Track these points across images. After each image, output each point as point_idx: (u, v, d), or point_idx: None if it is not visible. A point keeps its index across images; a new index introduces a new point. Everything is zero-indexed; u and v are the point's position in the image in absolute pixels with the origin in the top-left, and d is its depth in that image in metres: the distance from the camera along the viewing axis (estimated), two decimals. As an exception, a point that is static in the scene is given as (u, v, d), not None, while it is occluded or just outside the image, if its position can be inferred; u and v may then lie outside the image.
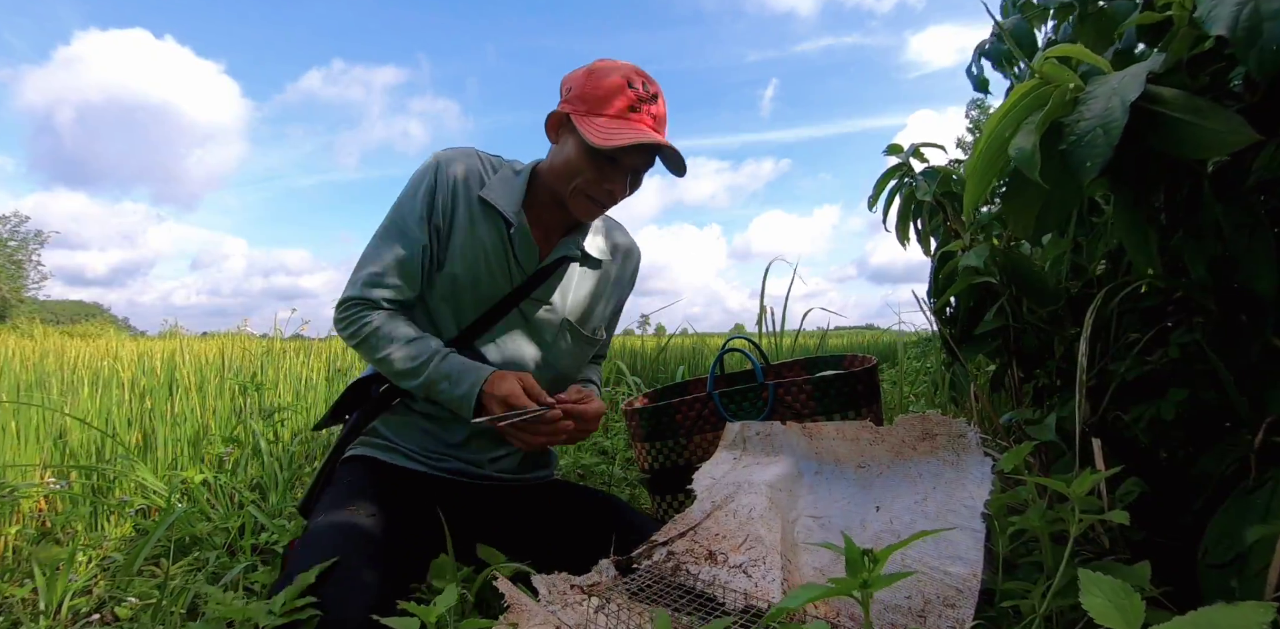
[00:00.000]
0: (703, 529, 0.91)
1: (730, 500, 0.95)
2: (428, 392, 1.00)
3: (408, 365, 0.99)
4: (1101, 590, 0.36)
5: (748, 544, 0.86)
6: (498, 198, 1.05)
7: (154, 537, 1.32)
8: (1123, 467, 0.74)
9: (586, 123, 0.96)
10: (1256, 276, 0.65)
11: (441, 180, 1.04)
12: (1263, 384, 0.73)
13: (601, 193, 1.02)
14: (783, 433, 1.03)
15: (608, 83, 0.98)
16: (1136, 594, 0.35)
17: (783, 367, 1.53)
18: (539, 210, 1.09)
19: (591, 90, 0.98)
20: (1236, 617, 0.32)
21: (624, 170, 1.01)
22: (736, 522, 0.91)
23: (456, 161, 1.06)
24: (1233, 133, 0.56)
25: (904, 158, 1.44)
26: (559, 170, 1.02)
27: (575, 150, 0.99)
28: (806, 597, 0.43)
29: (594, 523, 1.05)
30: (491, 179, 1.07)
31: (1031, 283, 1.09)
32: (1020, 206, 0.76)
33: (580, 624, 0.74)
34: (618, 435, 2.47)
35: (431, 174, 1.05)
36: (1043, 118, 0.64)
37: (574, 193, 1.02)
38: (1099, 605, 0.35)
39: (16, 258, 33.46)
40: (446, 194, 1.04)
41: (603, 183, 1.01)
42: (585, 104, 0.98)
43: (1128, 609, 0.35)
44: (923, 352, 3.77)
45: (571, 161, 1.00)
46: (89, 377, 3.01)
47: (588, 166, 0.99)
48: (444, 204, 1.04)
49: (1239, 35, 0.54)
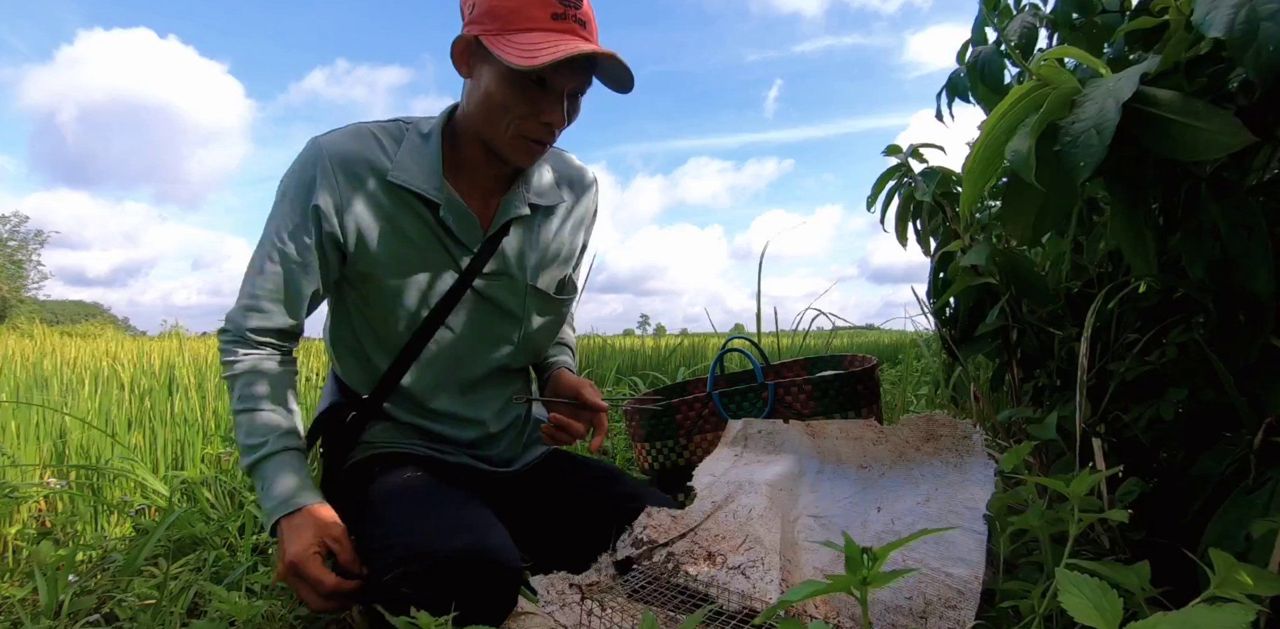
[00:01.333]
0: (702, 530, 0.91)
1: (730, 500, 0.95)
2: (247, 474, 0.89)
3: (244, 441, 0.87)
4: (1080, 590, 0.36)
5: (746, 545, 0.86)
6: (411, 178, 0.87)
7: (154, 537, 1.32)
8: (1123, 466, 0.74)
9: (502, 43, 0.78)
10: (1254, 277, 0.65)
11: (327, 180, 0.85)
12: (1263, 384, 0.73)
13: (537, 128, 0.84)
14: (785, 431, 1.03)
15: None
16: (1115, 593, 0.36)
17: (783, 367, 1.54)
18: (469, 171, 0.91)
19: (501, 1, 0.79)
20: (1218, 617, 0.32)
21: (558, 95, 0.83)
22: (736, 522, 0.91)
23: (344, 148, 0.86)
24: (1228, 134, 0.56)
25: (903, 158, 1.44)
26: (481, 110, 0.84)
27: (494, 80, 0.81)
28: (805, 593, 0.44)
29: (594, 496, 0.99)
30: (397, 154, 0.88)
31: (1031, 283, 1.09)
32: (1018, 208, 0.76)
33: (576, 625, 0.74)
34: (618, 435, 2.47)
35: (311, 171, 0.86)
36: (1039, 120, 0.64)
37: (506, 134, 0.84)
38: (1078, 604, 0.36)
39: (16, 258, 33.47)
40: (339, 196, 0.86)
41: (537, 115, 0.83)
42: (497, 20, 0.79)
43: (1106, 608, 0.35)
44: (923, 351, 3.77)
45: (493, 95, 0.82)
46: (89, 377, 3.01)
47: (513, 97, 0.81)
48: (339, 210, 0.86)
49: (1236, 37, 0.54)
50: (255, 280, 0.89)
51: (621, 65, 0.82)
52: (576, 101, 0.87)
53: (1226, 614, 0.32)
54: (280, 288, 0.88)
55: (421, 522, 0.78)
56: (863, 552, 0.45)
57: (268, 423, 0.88)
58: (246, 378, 0.89)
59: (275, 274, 0.88)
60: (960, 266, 1.15)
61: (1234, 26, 0.54)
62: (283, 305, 0.89)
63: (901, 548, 0.48)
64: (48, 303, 39.30)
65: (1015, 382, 1.22)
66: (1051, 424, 0.94)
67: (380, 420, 1.01)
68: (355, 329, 0.97)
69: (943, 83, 1.34)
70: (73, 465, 1.91)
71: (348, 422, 0.99)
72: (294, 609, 1.21)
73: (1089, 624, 0.34)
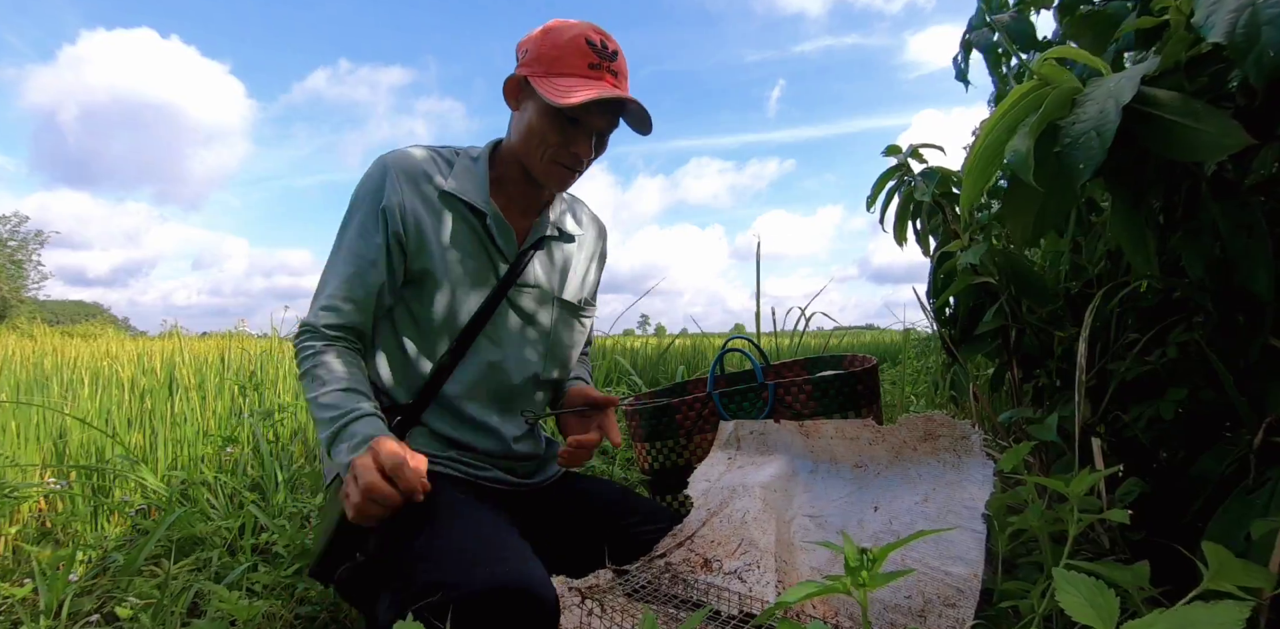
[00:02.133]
0: (698, 537, 0.91)
1: (725, 506, 0.95)
2: (329, 451, 0.90)
3: (322, 415, 0.90)
4: (1078, 589, 0.37)
5: (742, 549, 0.86)
6: (464, 190, 1.00)
7: (154, 537, 1.32)
8: (1123, 467, 0.74)
9: (545, 84, 0.92)
10: (1254, 277, 0.65)
11: (393, 186, 0.98)
12: (1262, 384, 0.73)
13: (568, 157, 0.98)
14: (777, 431, 1.03)
15: (564, 42, 0.94)
16: (1111, 592, 0.36)
17: (783, 367, 1.54)
18: (509, 192, 1.05)
19: (548, 50, 0.94)
20: (1214, 614, 0.33)
21: (588, 131, 0.97)
22: (731, 527, 0.91)
23: (407, 162, 1.00)
24: (1227, 136, 0.56)
25: (902, 159, 1.44)
26: (522, 139, 0.99)
27: (536, 114, 0.95)
28: (803, 594, 0.44)
29: (609, 517, 1.03)
30: (451, 172, 1.02)
31: (1030, 283, 1.09)
32: (1018, 208, 0.76)
33: (576, 628, 0.74)
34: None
35: (380, 180, 0.98)
36: (1038, 120, 0.64)
37: (541, 161, 0.98)
38: (1075, 603, 0.36)
39: (16, 258, 33.48)
40: (403, 199, 0.97)
41: (568, 146, 0.97)
42: (543, 65, 0.94)
43: (1103, 606, 0.36)
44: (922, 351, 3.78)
45: (533, 127, 0.96)
46: (89, 377, 3.01)
47: (550, 130, 0.95)
48: (403, 211, 0.97)
49: (1237, 41, 0.54)
50: (330, 282, 0.98)
51: (643, 110, 0.96)
52: (604, 140, 1.01)
53: (1221, 611, 0.33)
54: (354, 287, 0.96)
55: (459, 551, 0.77)
56: (861, 552, 0.45)
57: (346, 396, 0.92)
58: (322, 363, 0.94)
59: (349, 274, 0.96)
60: (960, 266, 1.15)
61: (1235, 31, 0.54)
62: (355, 304, 0.97)
63: (900, 547, 0.48)
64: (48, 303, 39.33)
65: (1015, 382, 1.22)
66: (1051, 424, 0.94)
67: (418, 427, 1.03)
68: (400, 332, 1.02)
69: (945, 83, 1.36)
70: (73, 465, 1.91)
71: (391, 428, 0.99)
72: (294, 609, 1.21)
73: (1086, 623, 0.35)
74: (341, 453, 0.86)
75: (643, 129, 1.01)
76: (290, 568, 1.30)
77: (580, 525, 1.03)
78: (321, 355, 0.95)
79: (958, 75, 1.43)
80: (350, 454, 0.84)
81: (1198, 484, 0.79)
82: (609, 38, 0.96)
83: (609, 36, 0.96)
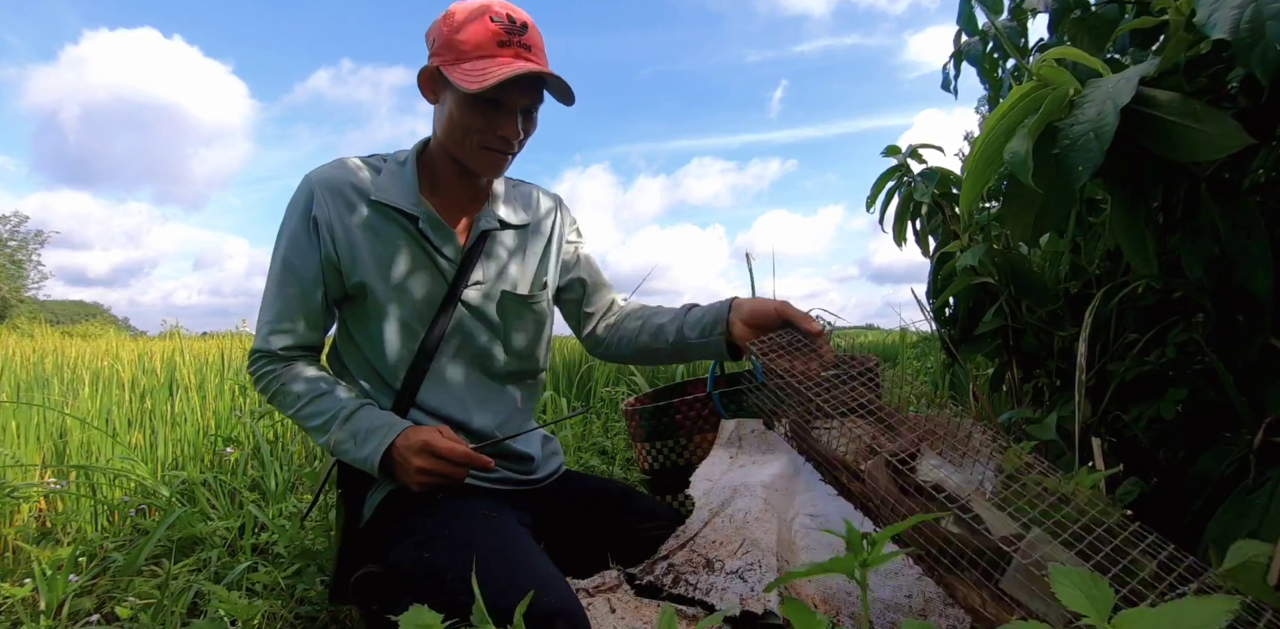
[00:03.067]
0: (700, 537, 0.92)
1: (727, 505, 0.95)
2: (334, 452, 0.93)
3: (314, 423, 0.93)
4: (1073, 581, 0.38)
5: (744, 549, 0.87)
6: (392, 196, 0.97)
7: (154, 536, 1.32)
8: (1123, 466, 0.74)
9: (456, 71, 0.89)
10: (1253, 277, 0.65)
11: (321, 201, 0.95)
12: (1262, 384, 0.73)
13: (496, 141, 0.94)
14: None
15: (467, 22, 0.90)
16: (1106, 584, 0.37)
17: (782, 367, 1.54)
18: (444, 190, 1.02)
19: (452, 34, 0.90)
20: (1202, 609, 0.34)
21: (511, 111, 0.93)
22: (733, 527, 0.91)
23: (331, 176, 0.97)
24: (1226, 136, 0.56)
25: (901, 159, 1.44)
26: (446, 131, 0.95)
27: (455, 104, 0.92)
28: (805, 573, 0.45)
29: (609, 514, 1.03)
30: (378, 179, 0.99)
31: (1030, 283, 1.09)
32: (1018, 208, 0.76)
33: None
34: (618, 435, 2.47)
35: (305, 198, 0.96)
36: (1037, 121, 0.64)
37: (470, 149, 0.95)
38: (1070, 595, 0.37)
39: (16, 258, 33.48)
40: (329, 215, 0.95)
41: (494, 130, 0.93)
42: (451, 52, 0.90)
43: (1097, 597, 0.36)
44: (922, 352, 3.78)
45: (455, 117, 0.93)
46: (89, 377, 3.01)
47: (472, 117, 0.91)
48: (331, 228, 0.95)
49: (1242, 38, 0.54)
50: (273, 306, 0.97)
51: (561, 81, 0.92)
52: (531, 116, 0.97)
53: (1212, 604, 0.34)
54: (299, 305, 0.96)
55: (506, 575, 0.76)
56: (862, 537, 0.46)
57: (334, 400, 0.94)
58: (291, 380, 0.95)
59: (291, 295, 0.96)
60: (959, 267, 1.15)
61: (1239, 27, 0.54)
62: (304, 321, 0.97)
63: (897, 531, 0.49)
64: (48, 303, 39.31)
65: (1015, 382, 1.22)
66: (1051, 424, 0.94)
67: None
68: (364, 350, 1.01)
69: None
70: (73, 465, 1.91)
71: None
72: (294, 609, 1.21)
73: (1076, 610, 0.36)
74: (364, 440, 0.88)
75: (566, 100, 0.96)
76: (290, 568, 1.30)
77: (583, 523, 1.03)
78: (286, 373, 0.96)
79: (944, 84, 1.44)
80: (382, 441, 0.88)
81: (1198, 484, 0.79)
82: (515, 9, 0.92)
83: (515, 9, 0.92)
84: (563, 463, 1.18)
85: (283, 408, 0.96)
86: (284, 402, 0.95)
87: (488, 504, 0.93)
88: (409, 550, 0.84)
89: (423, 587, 0.79)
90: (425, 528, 0.87)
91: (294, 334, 0.96)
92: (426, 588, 0.78)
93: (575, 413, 1.09)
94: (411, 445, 0.87)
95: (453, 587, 0.75)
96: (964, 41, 1.40)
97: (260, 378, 0.97)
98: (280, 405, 0.96)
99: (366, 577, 0.89)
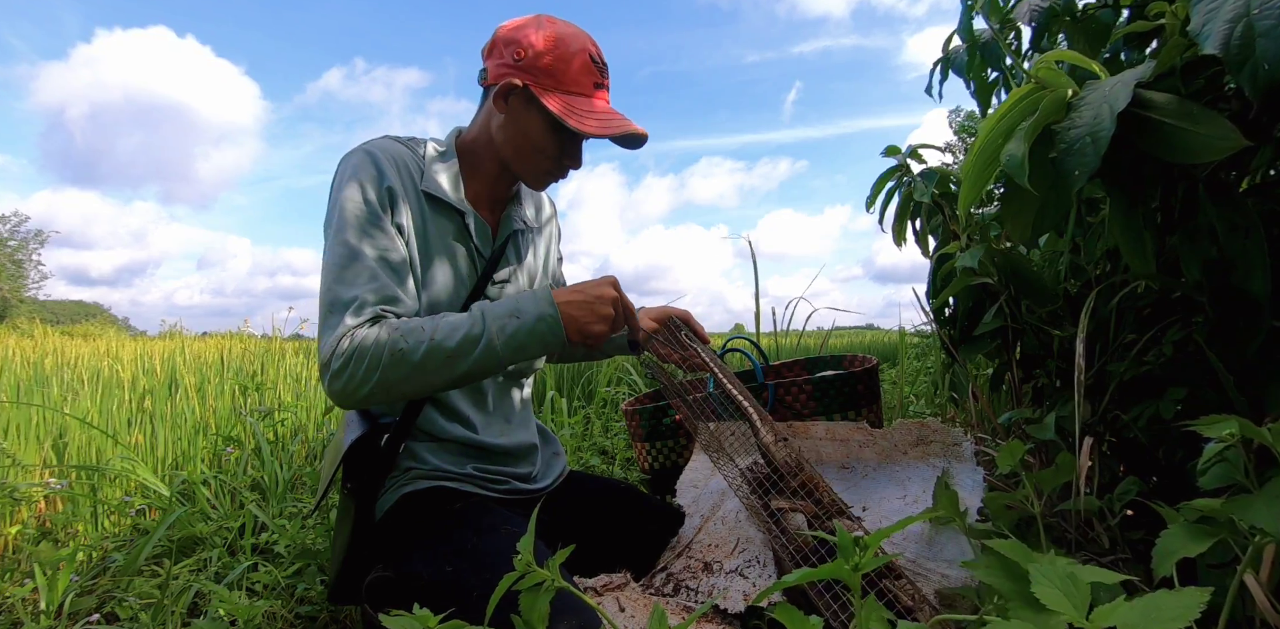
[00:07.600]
0: (695, 544, 0.92)
1: (717, 509, 0.95)
2: (503, 344, 0.83)
3: (456, 337, 0.81)
4: (1051, 580, 0.39)
5: (740, 547, 0.87)
6: (443, 189, 0.95)
7: (154, 536, 1.32)
8: (1122, 466, 0.74)
9: (558, 102, 0.90)
10: (1251, 278, 0.65)
11: (387, 173, 0.91)
12: (1262, 384, 0.73)
13: (562, 169, 0.99)
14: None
15: (571, 56, 0.91)
16: (1084, 582, 0.38)
17: (783, 367, 1.54)
18: (477, 187, 1.02)
19: (555, 64, 0.90)
20: (1177, 600, 0.35)
21: (580, 145, 0.99)
22: (726, 528, 0.91)
23: (397, 153, 0.94)
24: (1222, 138, 0.56)
25: (901, 159, 1.44)
26: (515, 145, 0.96)
27: (539, 127, 0.93)
28: (798, 578, 0.45)
29: (617, 516, 1.04)
30: (425, 167, 0.97)
31: (1030, 283, 1.09)
32: (1017, 210, 0.76)
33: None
34: (618, 435, 2.47)
35: (372, 167, 0.90)
36: (1033, 124, 0.64)
37: (535, 168, 0.98)
38: (1049, 594, 0.38)
39: (17, 257, 33.49)
40: (400, 188, 0.92)
41: (565, 157, 0.98)
42: (551, 79, 0.91)
43: (1075, 595, 0.37)
44: (922, 352, 3.78)
45: (533, 138, 0.94)
46: (89, 377, 3.01)
47: (553, 144, 0.94)
48: (406, 199, 0.92)
49: (1233, 54, 0.53)
50: (358, 276, 0.86)
51: (645, 141, 0.97)
52: None
53: (1184, 597, 0.35)
54: (397, 269, 0.89)
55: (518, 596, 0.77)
56: (854, 540, 0.46)
57: (456, 315, 0.85)
58: (398, 327, 0.82)
59: (389, 257, 0.88)
60: (959, 266, 1.15)
61: (1230, 43, 0.54)
62: (401, 287, 0.89)
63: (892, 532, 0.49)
64: (48, 303, 39.32)
65: (1015, 382, 1.22)
66: (1050, 424, 0.94)
67: (421, 441, 0.99)
68: None
69: (953, 83, 1.36)
70: (73, 465, 1.91)
71: (383, 444, 0.96)
72: (294, 609, 1.22)
73: (1055, 609, 0.37)
74: (526, 316, 0.83)
75: (634, 148, 0.99)
76: (290, 568, 1.30)
77: (591, 525, 1.04)
78: (387, 326, 0.82)
79: (927, 89, 1.44)
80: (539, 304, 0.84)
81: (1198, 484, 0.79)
82: (598, 46, 0.95)
83: (598, 45, 0.96)
84: (566, 464, 1.18)
85: (406, 357, 0.80)
86: (405, 346, 0.80)
87: (506, 517, 0.92)
88: (431, 562, 0.83)
89: (445, 601, 0.77)
90: (448, 540, 0.86)
91: (395, 301, 0.86)
92: (449, 603, 0.77)
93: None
94: (586, 288, 0.87)
95: (477, 606, 0.74)
96: (951, 47, 1.40)
97: (350, 358, 0.80)
98: (398, 360, 0.80)
99: (379, 581, 0.88)
